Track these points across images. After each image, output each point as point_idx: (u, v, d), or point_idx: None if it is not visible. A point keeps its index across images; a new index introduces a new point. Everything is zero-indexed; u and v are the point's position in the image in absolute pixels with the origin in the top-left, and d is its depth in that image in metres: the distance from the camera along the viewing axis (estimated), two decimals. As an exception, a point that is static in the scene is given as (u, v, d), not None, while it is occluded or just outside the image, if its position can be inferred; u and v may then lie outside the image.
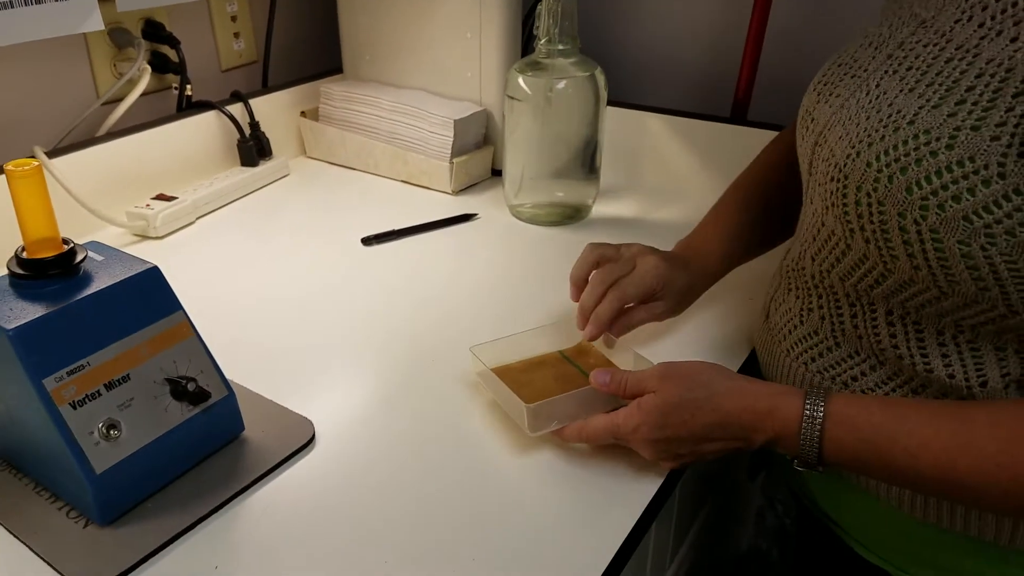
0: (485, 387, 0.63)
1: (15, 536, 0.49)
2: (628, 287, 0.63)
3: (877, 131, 0.48)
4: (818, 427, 0.49)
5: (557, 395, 0.56)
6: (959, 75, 0.45)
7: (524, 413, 0.55)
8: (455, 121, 0.99)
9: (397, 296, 0.80)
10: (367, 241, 0.90)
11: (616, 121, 1.04)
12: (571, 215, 0.97)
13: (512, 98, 0.91)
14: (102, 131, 0.93)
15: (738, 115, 1.04)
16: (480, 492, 0.55)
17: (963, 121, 0.44)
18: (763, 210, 0.73)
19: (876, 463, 0.48)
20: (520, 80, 0.90)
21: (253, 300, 0.78)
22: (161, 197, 0.92)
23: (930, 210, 0.45)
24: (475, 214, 0.97)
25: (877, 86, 0.50)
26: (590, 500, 0.54)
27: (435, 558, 0.49)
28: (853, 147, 0.49)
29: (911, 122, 0.46)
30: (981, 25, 0.45)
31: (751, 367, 0.69)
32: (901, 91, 0.48)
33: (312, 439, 0.58)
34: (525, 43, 1.06)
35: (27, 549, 0.48)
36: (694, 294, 0.69)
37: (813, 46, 1.04)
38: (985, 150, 0.43)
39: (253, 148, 1.04)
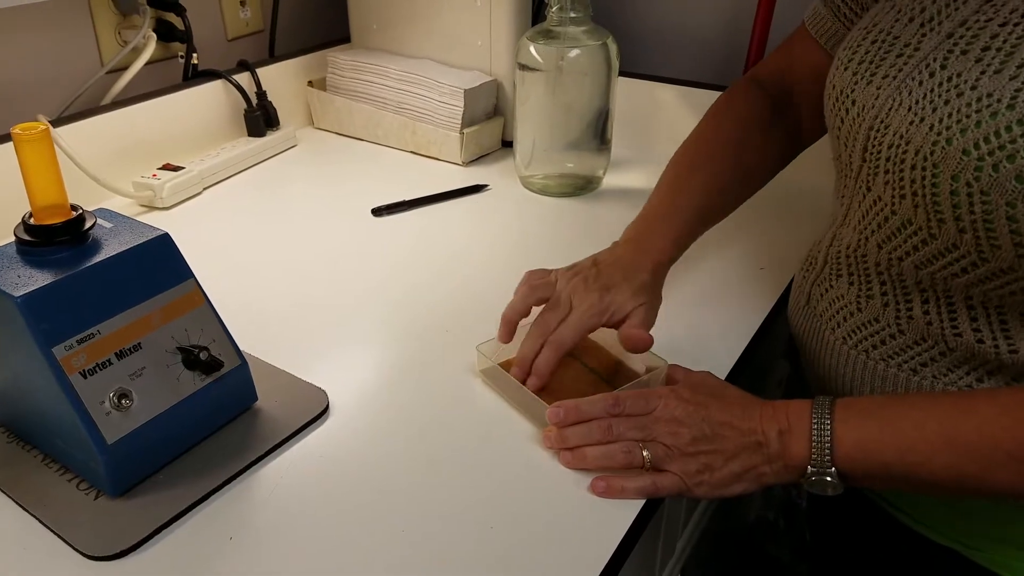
0: (491, 384, 0.61)
1: (23, 508, 0.48)
2: (565, 337, 0.58)
3: (969, 116, 0.46)
4: (827, 408, 0.49)
5: (575, 396, 0.55)
6: (1015, 40, 0.44)
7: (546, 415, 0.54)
8: (465, 91, 0.98)
9: (409, 266, 0.78)
10: (378, 212, 0.89)
11: (627, 91, 1.02)
12: (582, 186, 0.95)
13: (524, 67, 0.89)
14: (107, 100, 0.92)
15: (752, 85, 1.02)
16: (498, 461, 0.54)
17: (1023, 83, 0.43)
18: (733, 179, 0.69)
19: (887, 439, 0.48)
20: (532, 48, 0.88)
21: (263, 271, 0.77)
22: (168, 167, 0.90)
23: (984, 171, 0.44)
24: (486, 185, 0.95)
25: (943, 68, 0.48)
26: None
27: (453, 527, 0.48)
28: (939, 133, 0.47)
29: (1010, 106, 0.44)
30: None
31: (757, 343, 0.68)
32: (983, 73, 0.46)
33: (326, 409, 0.57)
34: (536, 11, 1.04)
35: (36, 521, 0.48)
36: (653, 293, 0.62)
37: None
38: None
39: (260, 118, 1.02)
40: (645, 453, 0.51)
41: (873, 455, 0.48)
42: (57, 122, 0.84)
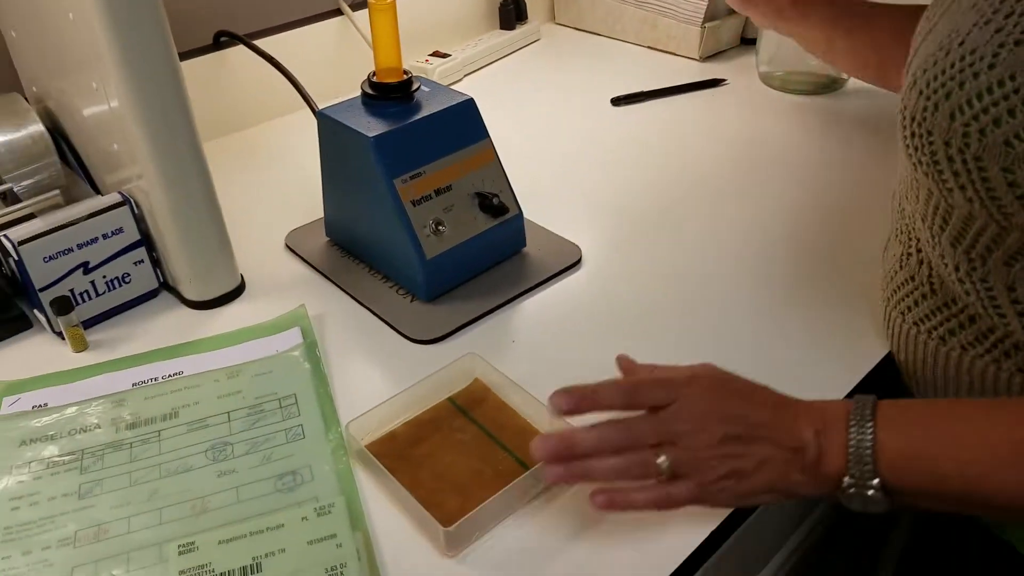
0: (367, 473, 0.50)
1: (361, 303, 0.64)
2: None
3: (933, 56, 0.44)
4: (869, 409, 0.43)
5: (480, 502, 0.45)
6: None
7: (441, 536, 0.44)
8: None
9: (647, 153, 0.86)
10: (616, 101, 0.96)
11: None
12: (826, 84, 0.96)
13: (776, -39, 0.90)
14: (391, -10, 1.05)
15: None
16: (721, 335, 0.61)
17: (1008, 36, 0.40)
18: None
19: (943, 447, 0.41)
20: (787, -59, 0.88)
21: (520, 148, 0.88)
22: (437, 54, 1.03)
23: (972, 136, 0.41)
24: (724, 79, 0.99)
25: (957, 3, 0.46)
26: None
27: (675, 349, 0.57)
28: (913, 76, 0.45)
29: (961, 43, 0.42)
30: None
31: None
32: (967, 8, 0.43)
33: (579, 260, 0.68)
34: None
35: (370, 313, 0.63)
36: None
37: None
38: None
39: (512, 11, 1.12)
40: (661, 460, 0.43)
41: (925, 466, 0.41)
42: (353, 7, 0.98)
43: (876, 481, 0.41)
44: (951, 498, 0.42)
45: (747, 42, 1.08)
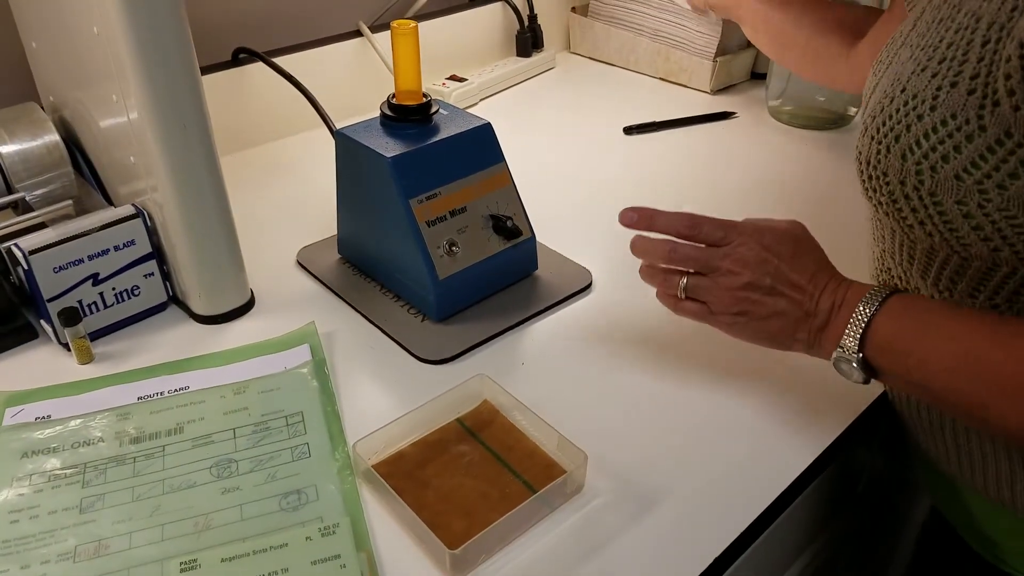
0: (373, 493, 0.50)
1: (372, 322, 0.64)
2: None
3: (880, 103, 0.48)
4: (881, 296, 0.48)
5: (487, 525, 0.45)
6: (944, 32, 0.45)
7: (447, 559, 0.44)
8: (724, 20, 1.01)
9: (658, 181, 0.86)
10: (629, 130, 0.97)
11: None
12: (833, 121, 0.96)
13: (790, -3, 0.91)
14: (410, 14, 1.06)
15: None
16: (729, 360, 0.61)
17: (943, 80, 0.44)
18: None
19: (917, 341, 0.46)
20: (802, -21, 0.89)
21: (534, 174, 0.88)
22: (454, 78, 1.04)
23: (924, 174, 0.45)
24: (734, 112, 1.00)
25: (897, 56, 0.49)
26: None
27: (678, 394, 0.57)
28: (864, 124, 0.49)
29: (903, 90, 0.46)
30: None
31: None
32: (906, 60, 0.48)
33: (590, 284, 0.68)
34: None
35: (380, 331, 0.63)
36: None
37: None
38: (964, 105, 0.43)
39: (529, 40, 1.13)
40: (681, 283, 0.53)
41: (899, 353, 0.46)
42: (374, 29, 0.99)
43: (860, 355, 0.47)
44: (912, 386, 0.47)
45: (757, 76, 1.09)
